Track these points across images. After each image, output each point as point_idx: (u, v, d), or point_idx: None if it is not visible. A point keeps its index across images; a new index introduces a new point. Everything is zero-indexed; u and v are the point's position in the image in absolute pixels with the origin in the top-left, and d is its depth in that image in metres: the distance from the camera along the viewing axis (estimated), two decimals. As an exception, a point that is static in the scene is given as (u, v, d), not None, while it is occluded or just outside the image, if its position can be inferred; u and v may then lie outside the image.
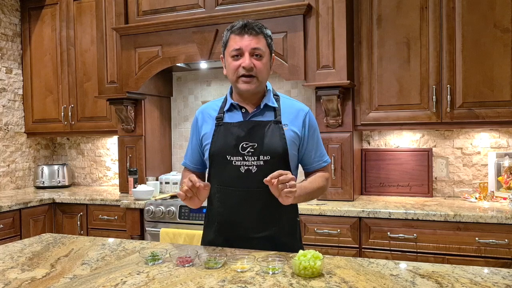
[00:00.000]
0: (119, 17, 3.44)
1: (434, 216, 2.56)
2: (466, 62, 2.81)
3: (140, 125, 3.62)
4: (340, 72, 2.87)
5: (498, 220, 2.44)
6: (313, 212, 2.78)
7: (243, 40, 1.67)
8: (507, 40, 2.72)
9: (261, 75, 1.70)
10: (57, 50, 4.02)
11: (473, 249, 2.49)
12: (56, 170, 4.14)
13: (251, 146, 1.69)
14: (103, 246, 1.85)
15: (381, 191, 3.27)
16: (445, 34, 2.84)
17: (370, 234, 2.70)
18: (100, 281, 1.40)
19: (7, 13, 4.04)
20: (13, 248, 1.84)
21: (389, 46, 2.97)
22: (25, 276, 1.48)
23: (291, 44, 2.95)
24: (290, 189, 1.51)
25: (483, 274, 1.40)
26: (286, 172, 1.52)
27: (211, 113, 1.82)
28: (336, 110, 2.97)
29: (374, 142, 3.38)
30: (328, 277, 1.39)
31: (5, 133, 4.02)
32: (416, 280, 1.36)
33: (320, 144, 1.83)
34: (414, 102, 2.92)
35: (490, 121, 2.78)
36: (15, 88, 4.12)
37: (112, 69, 3.52)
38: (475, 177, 3.13)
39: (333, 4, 2.88)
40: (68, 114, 3.97)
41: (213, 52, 3.16)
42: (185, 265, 1.52)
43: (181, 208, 3.05)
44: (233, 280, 1.37)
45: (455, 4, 2.82)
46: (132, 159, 3.62)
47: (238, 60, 1.68)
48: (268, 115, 1.75)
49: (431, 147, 3.21)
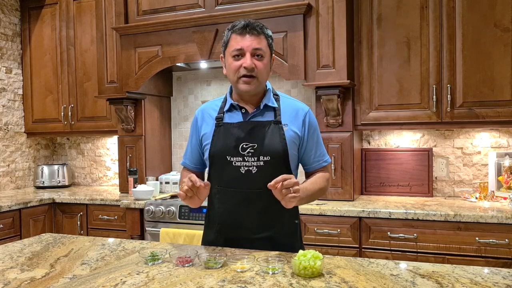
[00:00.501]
0: (119, 16, 3.44)
1: (434, 216, 2.55)
2: (466, 62, 2.80)
3: (140, 125, 3.62)
4: (340, 71, 2.87)
5: (499, 220, 2.44)
6: (313, 212, 2.77)
7: (244, 40, 1.66)
8: (507, 39, 2.72)
9: (261, 76, 1.69)
10: (57, 50, 4.02)
11: (473, 249, 2.49)
12: (56, 170, 4.13)
13: (251, 147, 1.69)
14: (103, 246, 1.85)
15: (381, 191, 3.27)
16: (445, 33, 2.84)
17: (370, 234, 2.70)
18: (100, 281, 1.39)
19: (7, 12, 4.04)
20: (13, 248, 1.84)
21: (389, 46, 2.97)
22: (24, 276, 1.47)
23: (291, 44, 2.94)
24: (294, 194, 1.50)
25: (484, 274, 1.40)
26: (290, 176, 1.51)
27: (211, 113, 1.81)
28: (336, 110, 2.97)
29: (374, 141, 3.38)
30: (328, 277, 1.38)
31: (5, 133, 4.02)
32: (416, 280, 1.35)
33: (320, 143, 1.83)
34: (414, 102, 2.92)
35: (490, 120, 2.77)
36: (15, 88, 4.12)
37: (112, 69, 3.52)
38: (475, 177, 3.12)
39: (333, 4, 2.88)
40: (68, 114, 3.97)
41: (213, 52, 3.16)
42: (185, 265, 1.52)
43: (181, 208, 3.05)
44: (233, 280, 1.37)
45: (455, 3, 2.81)
46: (132, 159, 3.62)
47: (239, 60, 1.67)
48: (268, 115, 1.75)
49: (431, 147, 3.21)
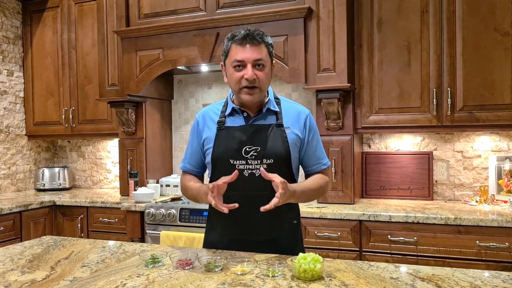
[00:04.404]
0: (120, 20, 3.45)
1: (435, 220, 2.55)
2: (467, 66, 2.81)
3: (141, 127, 3.63)
4: (341, 75, 2.88)
5: (499, 224, 2.44)
6: (314, 215, 2.78)
7: (245, 51, 1.66)
8: (508, 43, 2.72)
9: (263, 85, 1.71)
10: (58, 52, 4.03)
11: (473, 252, 2.49)
12: (57, 172, 4.14)
13: (254, 150, 1.70)
14: (103, 248, 1.85)
15: (382, 194, 3.27)
16: (446, 37, 2.85)
17: (370, 237, 2.69)
18: (100, 283, 1.40)
19: (9, 15, 4.06)
20: (13, 251, 1.85)
21: (390, 50, 2.97)
22: (25, 278, 1.48)
23: (291, 48, 2.95)
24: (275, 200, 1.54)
25: (483, 278, 1.40)
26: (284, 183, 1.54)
27: (213, 117, 1.82)
28: (337, 113, 2.97)
29: (374, 145, 3.38)
30: (328, 280, 1.39)
31: (6, 136, 4.03)
32: (416, 283, 1.35)
33: (320, 146, 1.84)
34: (415, 105, 2.92)
35: (490, 124, 2.78)
36: (16, 90, 4.13)
37: (113, 72, 3.53)
38: (475, 181, 3.12)
39: (334, 8, 2.89)
40: (69, 117, 3.97)
41: (214, 55, 3.17)
42: (185, 268, 1.52)
43: (181, 211, 3.05)
44: (233, 283, 1.37)
45: (455, 7, 2.82)
46: (132, 161, 3.62)
47: (241, 71, 1.67)
48: (270, 118, 1.76)
49: (432, 150, 3.21)
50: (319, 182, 1.80)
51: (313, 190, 1.76)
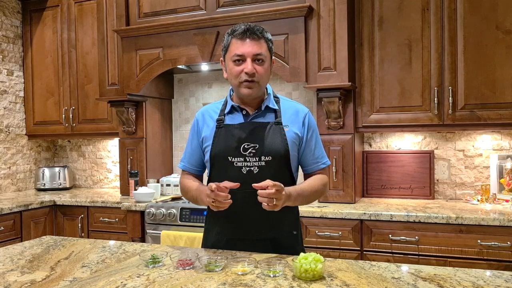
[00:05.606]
0: (120, 19, 3.45)
1: (436, 219, 2.54)
2: (468, 64, 2.80)
3: (141, 127, 3.62)
4: (342, 74, 2.87)
5: (501, 223, 2.43)
6: (315, 215, 2.77)
7: (244, 46, 1.67)
8: (509, 41, 2.71)
9: (262, 80, 1.71)
10: (58, 52, 4.02)
11: (475, 251, 2.48)
12: (57, 172, 4.13)
13: (252, 147, 1.70)
14: (104, 248, 1.85)
15: (383, 193, 3.26)
16: (447, 36, 2.84)
17: (371, 236, 2.69)
18: (100, 284, 1.39)
19: (9, 15, 4.05)
20: (13, 251, 1.84)
21: (391, 48, 2.96)
22: (25, 278, 1.47)
23: (292, 46, 2.94)
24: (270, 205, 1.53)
25: (486, 277, 1.40)
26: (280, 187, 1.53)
27: (212, 115, 1.82)
28: (338, 112, 2.96)
29: (375, 144, 3.37)
30: (329, 280, 1.38)
31: (6, 135, 4.02)
32: (418, 283, 1.35)
33: (319, 145, 1.83)
34: (416, 104, 2.91)
35: (492, 123, 2.77)
36: (16, 90, 4.12)
37: (113, 71, 3.52)
38: (477, 179, 3.11)
39: (334, 6, 2.88)
40: (69, 116, 3.97)
41: (214, 54, 3.16)
42: (185, 268, 1.51)
43: (182, 211, 3.05)
44: (234, 283, 1.36)
45: (456, 5, 2.81)
46: (133, 161, 3.62)
47: (240, 66, 1.68)
48: (269, 116, 1.76)
49: (433, 149, 3.20)
50: (317, 184, 1.77)
51: (310, 192, 1.74)
